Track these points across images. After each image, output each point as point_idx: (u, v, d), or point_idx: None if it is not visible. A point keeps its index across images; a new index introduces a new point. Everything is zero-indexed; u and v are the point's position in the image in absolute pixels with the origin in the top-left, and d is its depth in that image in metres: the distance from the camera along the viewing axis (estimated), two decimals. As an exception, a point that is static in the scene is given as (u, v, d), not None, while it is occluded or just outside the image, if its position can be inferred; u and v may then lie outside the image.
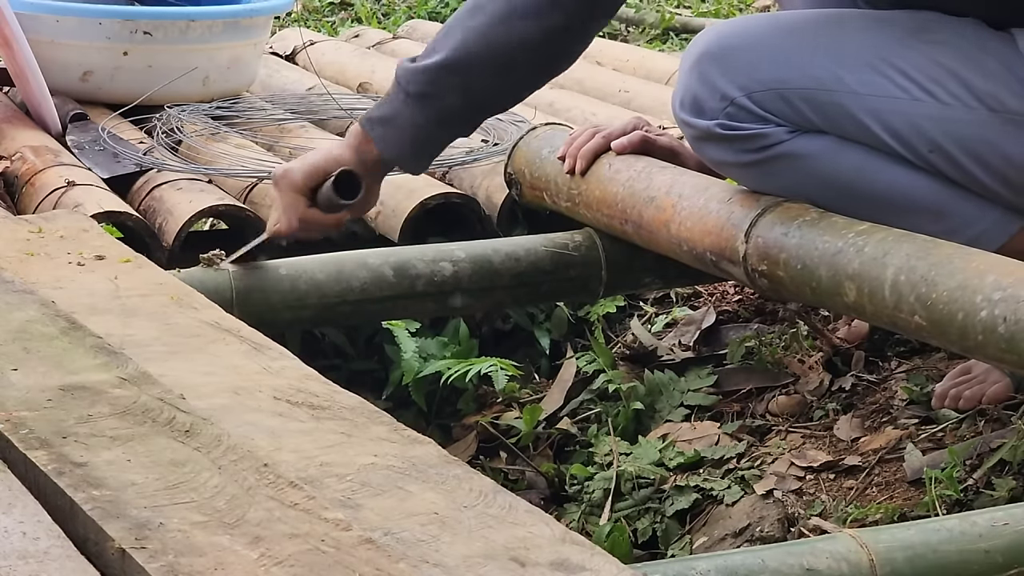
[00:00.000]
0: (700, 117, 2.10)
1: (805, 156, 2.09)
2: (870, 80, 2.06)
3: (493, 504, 1.32)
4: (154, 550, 1.16)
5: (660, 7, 5.60)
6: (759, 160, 2.10)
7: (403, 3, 5.85)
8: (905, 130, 2.06)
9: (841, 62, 2.07)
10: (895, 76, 2.06)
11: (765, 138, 2.09)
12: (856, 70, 2.07)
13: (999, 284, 1.72)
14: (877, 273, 1.87)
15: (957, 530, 1.69)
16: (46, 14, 3.17)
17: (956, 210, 2.08)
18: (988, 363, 2.11)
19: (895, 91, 2.06)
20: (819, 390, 2.49)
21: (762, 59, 2.09)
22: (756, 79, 2.08)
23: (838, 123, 2.07)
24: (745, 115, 2.08)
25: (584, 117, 3.18)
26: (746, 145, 2.09)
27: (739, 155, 2.10)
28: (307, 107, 3.35)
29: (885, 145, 2.07)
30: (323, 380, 1.62)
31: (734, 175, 2.18)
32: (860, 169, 2.08)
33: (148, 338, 1.72)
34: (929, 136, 2.06)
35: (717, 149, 2.12)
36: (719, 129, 2.09)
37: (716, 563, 1.63)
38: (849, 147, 2.09)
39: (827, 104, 2.07)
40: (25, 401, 1.44)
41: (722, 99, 2.08)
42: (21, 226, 2.18)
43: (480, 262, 2.38)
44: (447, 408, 2.83)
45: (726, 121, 2.08)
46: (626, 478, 2.41)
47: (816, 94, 2.07)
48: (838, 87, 2.07)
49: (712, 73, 2.09)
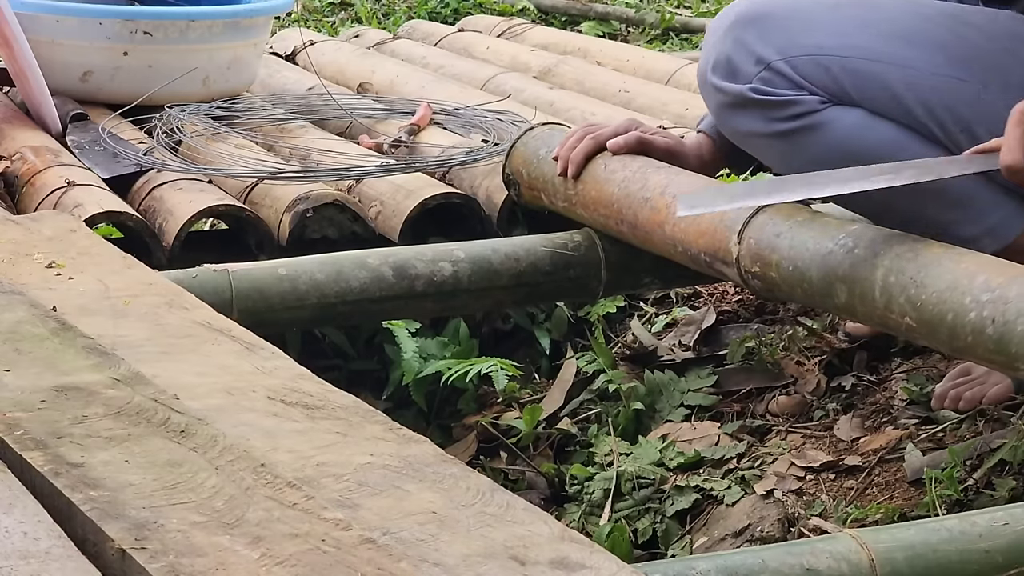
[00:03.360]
0: (732, 81, 2.08)
1: (836, 128, 2.07)
2: (909, 54, 2.05)
3: (491, 503, 1.32)
4: (154, 550, 1.15)
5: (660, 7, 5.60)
6: (789, 130, 2.07)
7: (403, 3, 5.85)
8: (938, 106, 2.05)
9: (882, 34, 2.06)
10: (933, 52, 2.05)
11: (798, 105, 2.07)
12: (896, 44, 2.06)
13: (988, 285, 1.72)
14: (867, 274, 1.86)
15: (957, 530, 1.69)
16: (46, 14, 3.17)
17: (976, 198, 2.08)
18: (979, 364, 2.11)
19: (932, 67, 2.05)
20: (819, 390, 2.49)
21: (802, 24, 2.07)
22: (796, 43, 2.06)
23: (874, 94, 2.06)
24: (780, 80, 2.06)
25: (584, 117, 3.18)
26: (777, 113, 2.07)
27: (769, 124, 2.08)
28: (307, 107, 3.35)
29: (917, 121, 2.06)
30: (317, 379, 1.61)
31: (760, 146, 2.16)
32: (889, 145, 2.06)
33: (140, 338, 1.71)
34: (960, 115, 2.05)
35: (746, 117, 2.10)
36: (752, 94, 2.06)
37: (716, 563, 1.63)
38: (880, 122, 2.07)
39: (865, 74, 2.06)
40: (19, 402, 1.44)
41: (758, 62, 2.06)
42: (9, 227, 2.17)
43: (480, 262, 2.38)
44: (447, 408, 2.83)
45: (760, 86, 2.06)
46: (626, 478, 2.41)
47: (855, 63, 2.06)
48: (878, 57, 2.05)
49: (749, 37, 2.07)
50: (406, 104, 3.29)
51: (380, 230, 2.71)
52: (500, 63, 3.83)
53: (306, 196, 2.67)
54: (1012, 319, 1.67)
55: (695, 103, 3.22)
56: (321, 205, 2.67)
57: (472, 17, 4.79)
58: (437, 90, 3.42)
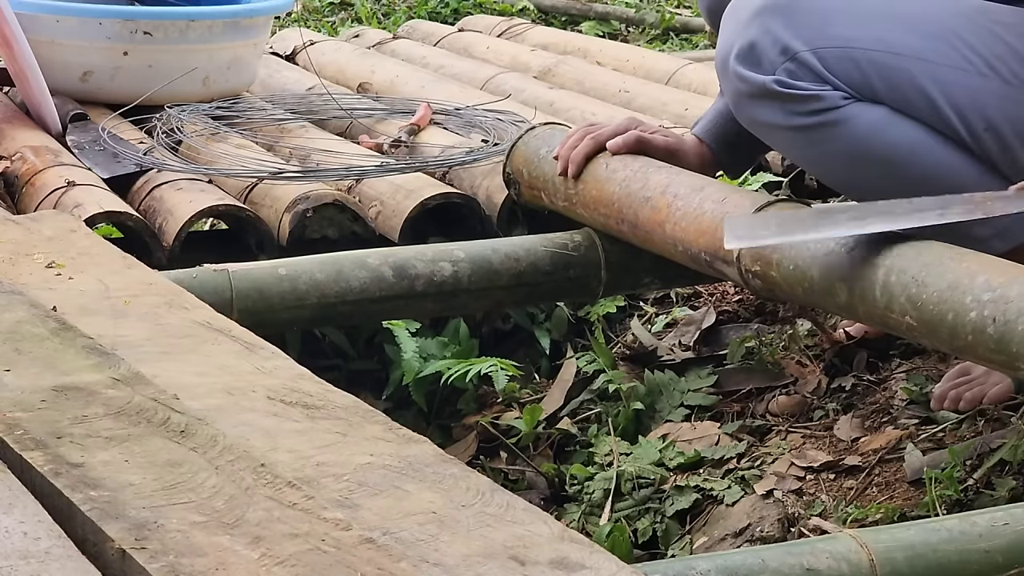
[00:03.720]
0: (756, 70, 2.04)
1: (857, 124, 2.04)
2: (939, 49, 2.03)
3: (491, 503, 1.32)
4: (154, 550, 1.15)
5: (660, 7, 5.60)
6: (809, 125, 2.05)
7: (403, 3, 5.85)
8: (966, 104, 2.03)
9: (911, 29, 2.04)
10: (963, 49, 2.04)
11: (820, 100, 2.04)
12: (926, 38, 2.04)
13: (989, 285, 1.71)
14: (868, 274, 1.86)
15: (957, 530, 1.69)
16: (46, 14, 3.17)
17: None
18: (979, 364, 2.11)
19: (962, 63, 2.03)
20: (819, 390, 2.49)
21: (831, 15, 2.05)
22: (824, 34, 2.03)
23: (900, 90, 2.04)
24: (805, 72, 2.03)
25: (584, 117, 3.18)
26: (799, 107, 2.05)
27: (789, 117, 2.06)
28: (307, 107, 3.35)
29: (942, 118, 2.04)
30: (316, 379, 1.61)
31: (778, 138, 2.14)
32: (909, 144, 2.05)
33: (139, 338, 1.71)
34: (987, 113, 2.03)
35: (767, 109, 2.07)
36: (775, 86, 2.04)
37: (716, 563, 1.62)
38: (902, 121, 2.05)
39: (893, 69, 2.03)
40: (19, 402, 1.44)
41: (783, 52, 2.04)
42: (9, 227, 2.17)
43: (480, 262, 2.38)
44: (447, 408, 2.83)
45: (784, 78, 2.03)
46: (626, 478, 2.41)
47: (884, 57, 2.03)
48: (907, 52, 2.03)
49: (776, 25, 2.04)
50: (406, 104, 3.29)
51: (380, 230, 2.71)
52: (500, 63, 3.83)
53: (306, 196, 2.67)
54: (1013, 318, 1.67)
55: (695, 103, 3.22)
56: (321, 205, 2.67)
57: (472, 17, 4.79)
58: (437, 90, 3.42)
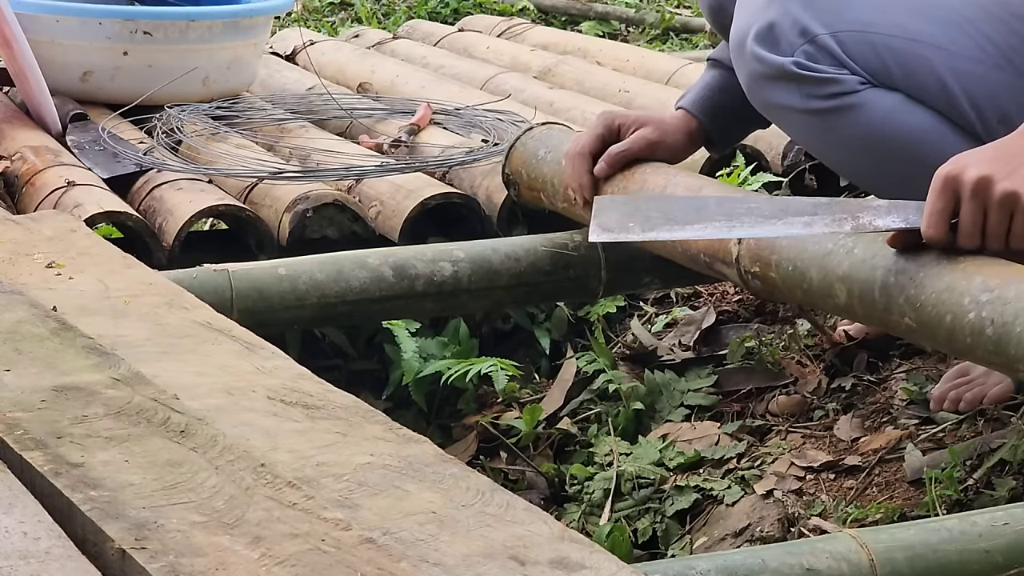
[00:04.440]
0: (774, 51, 2.04)
1: (871, 110, 2.04)
2: (956, 38, 2.03)
3: (491, 503, 1.32)
4: (154, 550, 1.15)
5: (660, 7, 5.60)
6: (825, 108, 2.04)
7: (403, 3, 5.85)
8: (981, 94, 2.03)
9: (929, 16, 2.04)
10: (980, 39, 2.03)
11: (838, 84, 2.03)
12: (944, 27, 2.03)
13: (987, 286, 1.71)
14: (867, 275, 1.86)
15: (957, 530, 1.69)
16: (46, 14, 3.17)
17: None
18: (979, 365, 2.10)
19: (979, 53, 2.03)
20: (819, 390, 2.49)
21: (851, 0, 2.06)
22: (844, 18, 2.03)
23: (917, 77, 2.04)
24: (823, 56, 2.03)
25: (584, 117, 3.18)
26: (815, 90, 2.04)
27: (805, 100, 2.05)
28: (307, 107, 3.35)
29: (956, 108, 2.03)
30: (316, 379, 1.61)
31: (792, 121, 2.13)
32: (922, 132, 2.04)
33: (139, 338, 1.71)
34: (1001, 105, 2.03)
35: (783, 91, 2.06)
36: (794, 67, 2.03)
37: (716, 563, 1.62)
38: (917, 108, 2.04)
39: (911, 55, 2.03)
40: (19, 402, 1.44)
41: (802, 34, 2.03)
42: (9, 227, 2.17)
43: (480, 262, 2.38)
44: (447, 408, 2.83)
45: (802, 60, 2.03)
46: (626, 478, 2.41)
47: (902, 43, 2.03)
48: (926, 39, 2.03)
49: (795, 7, 2.03)
50: (406, 104, 3.29)
51: (380, 230, 2.71)
52: (500, 63, 3.84)
53: (306, 196, 2.67)
54: (1011, 320, 1.67)
55: (695, 103, 3.22)
56: (321, 205, 2.67)
57: (472, 17, 4.79)
58: (437, 90, 3.42)
